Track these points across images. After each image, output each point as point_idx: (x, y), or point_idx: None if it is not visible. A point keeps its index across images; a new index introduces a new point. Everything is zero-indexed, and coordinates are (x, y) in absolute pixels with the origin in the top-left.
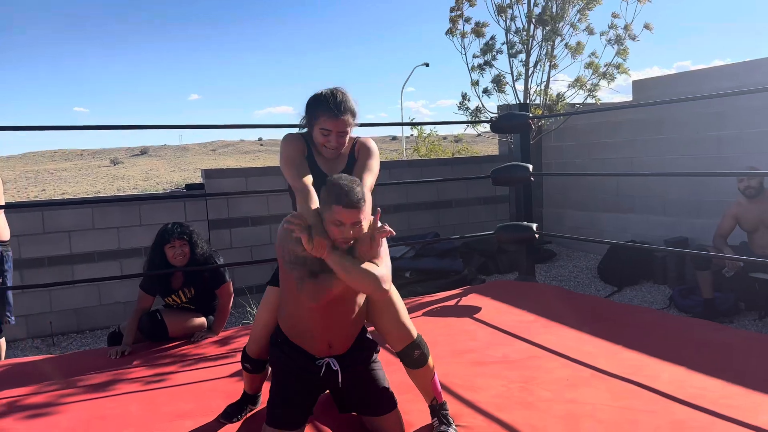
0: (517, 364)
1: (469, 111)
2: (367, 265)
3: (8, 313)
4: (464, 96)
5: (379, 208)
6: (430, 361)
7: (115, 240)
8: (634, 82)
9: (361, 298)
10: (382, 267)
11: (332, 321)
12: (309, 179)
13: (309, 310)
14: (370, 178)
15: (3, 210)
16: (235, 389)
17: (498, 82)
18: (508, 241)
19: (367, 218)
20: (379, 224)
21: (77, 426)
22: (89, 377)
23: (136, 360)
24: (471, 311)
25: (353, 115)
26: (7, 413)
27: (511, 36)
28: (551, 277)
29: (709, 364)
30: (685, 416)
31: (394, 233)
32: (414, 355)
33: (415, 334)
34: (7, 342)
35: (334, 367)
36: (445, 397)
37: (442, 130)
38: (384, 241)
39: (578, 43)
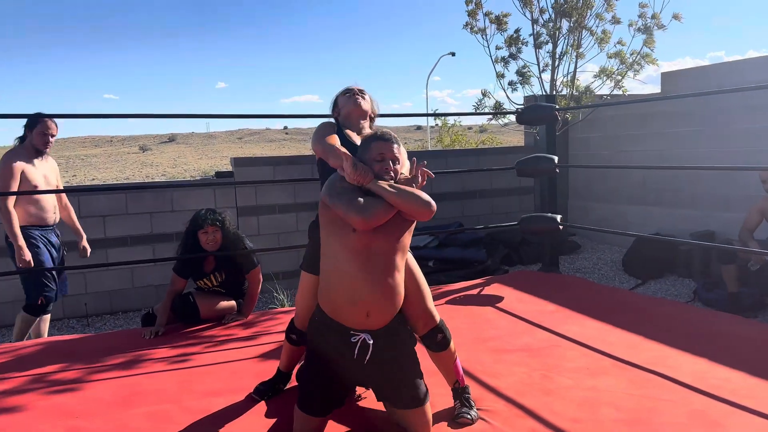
0: (538, 352)
1: (488, 108)
2: (409, 188)
3: (47, 291)
4: (484, 93)
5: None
6: (452, 345)
7: (148, 225)
8: (663, 74)
9: (400, 262)
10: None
11: (372, 282)
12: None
13: (344, 264)
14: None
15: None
16: (264, 369)
17: (523, 74)
18: (532, 231)
19: (404, 165)
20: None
21: (115, 401)
22: (125, 356)
23: (170, 340)
24: (493, 300)
25: (370, 95)
26: (47, 388)
27: (537, 27)
28: (575, 269)
29: (731, 356)
30: (703, 406)
31: (433, 176)
32: (437, 339)
33: (438, 318)
34: None
35: (369, 341)
36: (468, 382)
37: (468, 121)
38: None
39: (604, 32)
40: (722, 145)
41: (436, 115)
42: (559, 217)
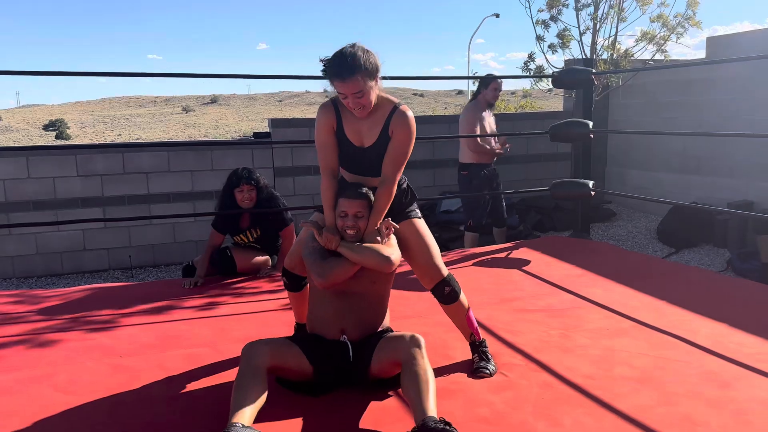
0: (559, 313)
1: (531, 71)
2: (373, 246)
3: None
4: (530, 56)
5: (389, 220)
6: (463, 298)
7: (189, 182)
8: (709, 39)
9: (376, 297)
10: (390, 250)
11: (344, 308)
12: (331, 170)
13: (324, 295)
14: (396, 171)
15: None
16: (293, 319)
17: (563, 37)
18: (563, 197)
19: (376, 214)
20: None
21: (155, 343)
22: (166, 303)
23: (207, 290)
24: (520, 264)
25: (366, 72)
26: (93, 329)
27: None
28: (609, 236)
29: (751, 322)
30: (716, 367)
31: (397, 227)
32: (444, 292)
33: (445, 272)
34: (90, 272)
35: (342, 339)
36: (488, 338)
37: (512, 85)
38: (393, 237)
39: None
40: (764, 112)
41: (475, 78)
42: (591, 183)
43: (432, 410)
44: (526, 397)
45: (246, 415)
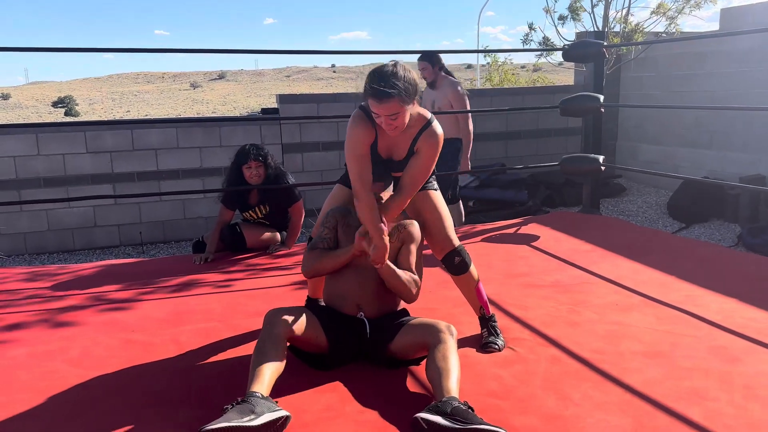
0: (568, 288)
1: (534, 43)
2: (408, 277)
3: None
4: (530, 26)
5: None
6: (473, 270)
7: (198, 159)
8: (723, 11)
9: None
10: (416, 274)
11: (361, 283)
12: (368, 183)
13: (341, 270)
14: (415, 187)
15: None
16: (303, 294)
17: (573, 9)
18: (573, 172)
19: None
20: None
21: (167, 318)
22: (177, 279)
23: (218, 266)
24: (529, 239)
25: (404, 94)
26: (105, 305)
27: None
28: (619, 211)
29: (761, 297)
30: (726, 342)
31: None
32: (455, 262)
33: (456, 243)
34: (101, 248)
35: (359, 316)
36: (497, 313)
37: (522, 59)
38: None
39: None
40: None
41: (484, 51)
42: (601, 158)
43: (455, 391)
44: (534, 371)
45: (264, 385)
